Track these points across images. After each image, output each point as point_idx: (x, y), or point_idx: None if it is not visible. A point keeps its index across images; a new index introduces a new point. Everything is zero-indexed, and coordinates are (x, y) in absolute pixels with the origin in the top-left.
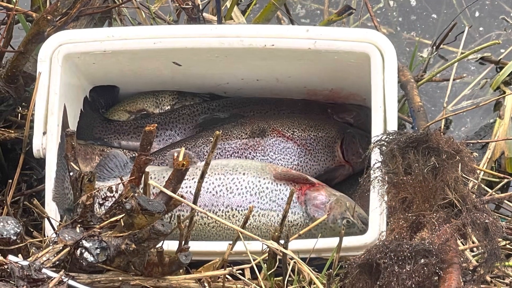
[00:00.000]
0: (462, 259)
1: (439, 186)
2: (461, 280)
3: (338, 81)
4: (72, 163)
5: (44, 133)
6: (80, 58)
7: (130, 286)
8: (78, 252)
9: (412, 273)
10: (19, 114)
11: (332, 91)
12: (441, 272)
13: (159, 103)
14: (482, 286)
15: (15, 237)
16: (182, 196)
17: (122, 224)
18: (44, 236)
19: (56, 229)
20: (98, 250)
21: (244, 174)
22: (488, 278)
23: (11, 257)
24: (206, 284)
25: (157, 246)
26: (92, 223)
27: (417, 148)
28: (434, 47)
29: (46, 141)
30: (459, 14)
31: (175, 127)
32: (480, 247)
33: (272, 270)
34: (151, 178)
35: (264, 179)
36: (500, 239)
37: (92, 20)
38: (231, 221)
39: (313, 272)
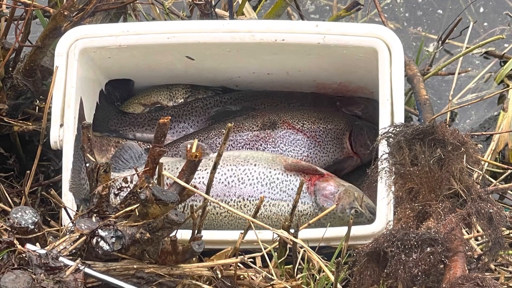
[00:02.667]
0: (467, 247)
1: (444, 177)
2: (466, 268)
3: (347, 75)
4: (88, 155)
5: (61, 125)
6: (96, 52)
7: (145, 274)
8: (94, 241)
9: (419, 261)
10: (37, 107)
11: (341, 85)
12: (446, 260)
13: (172, 96)
14: (486, 274)
15: (33, 226)
16: (195, 187)
17: (137, 213)
18: (61, 226)
19: (72, 218)
20: (114, 239)
21: (255, 165)
22: (492, 266)
23: (29, 246)
24: (218, 272)
25: (170, 235)
26: (107, 212)
27: (423, 140)
28: (440, 42)
29: (63, 133)
30: (464, 10)
31: (188, 120)
32: (484, 236)
33: (283, 258)
34: (165, 169)
35: (274, 170)
36: (504, 228)
37: (108, 16)
38: (243, 211)
39: (322, 260)
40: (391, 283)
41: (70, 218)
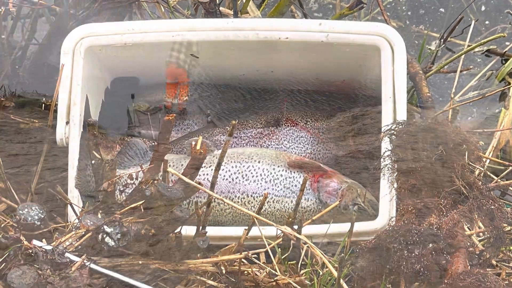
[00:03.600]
0: (468, 243)
1: (446, 174)
2: (468, 264)
3: (350, 72)
4: (94, 152)
5: (67, 122)
6: (101, 50)
7: (150, 270)
8: (100, 237)
9: (421, 257)
10: (43, 105)
11: (344, 82)
12: (448, 256)
13: (177, 94)
14: (488, 269)
15: (39, 223)
16: (199, 183)
17: (142, 210)
18: (67, 222)
19: (78, 215)
20: (119, 235)
21: (259, 162)
22: (493, 262)
23: (35, 242)
24: (222, 268)
25: (175, 231)
26: (113, 209)
27: (425, 137)
28: (442, 40)
29: (69, 131)
30: (466, 8)
31: (193, 117)
32: (486, 232)
33: (286, 254)
34: (169, 166)
35: (278, 166)
36: (505, 225)
37: (113, 14)
38: (247, 207)
39: (326, 256)
40: (393, 278)
41: (76, 215)
